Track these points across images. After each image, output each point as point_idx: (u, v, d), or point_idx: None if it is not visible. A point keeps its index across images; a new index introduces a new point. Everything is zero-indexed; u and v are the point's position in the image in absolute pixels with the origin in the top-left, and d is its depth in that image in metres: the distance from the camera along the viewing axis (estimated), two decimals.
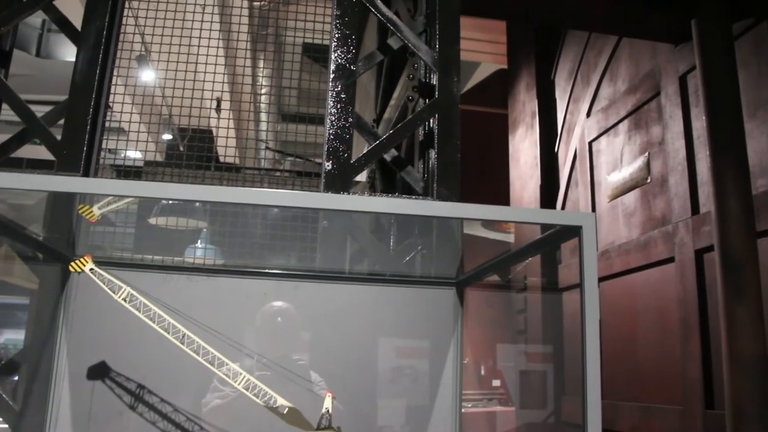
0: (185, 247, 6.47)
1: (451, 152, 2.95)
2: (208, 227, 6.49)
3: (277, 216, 3.58)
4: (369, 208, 1.74)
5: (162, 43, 4.78)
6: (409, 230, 3.11)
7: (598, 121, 6.62)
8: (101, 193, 1.68)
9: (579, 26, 6.70)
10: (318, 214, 3.13)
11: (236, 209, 3.66)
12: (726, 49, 4.83)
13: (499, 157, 8.86)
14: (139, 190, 1.57)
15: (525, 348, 7.20)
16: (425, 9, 3.49)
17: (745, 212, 4.56)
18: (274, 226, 3.53)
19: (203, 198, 1.57)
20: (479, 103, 10.74)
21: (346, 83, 3.00)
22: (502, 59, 9.54)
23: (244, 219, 3.67)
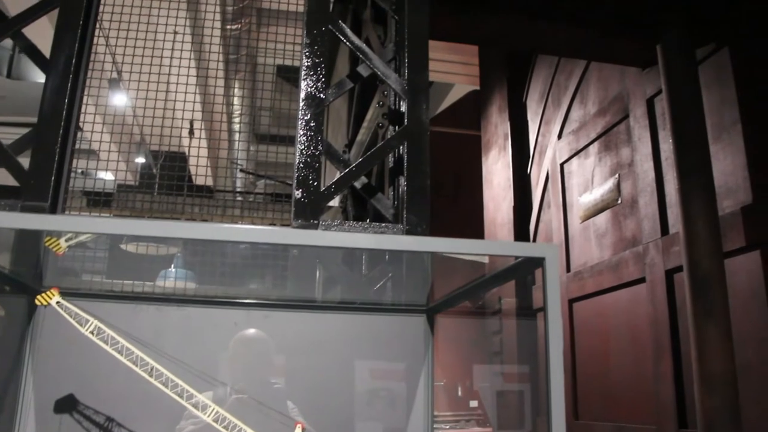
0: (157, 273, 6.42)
1: (421, 179, 2.96)
2: (180, 252, 6.46)
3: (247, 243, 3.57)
4: (335, 243, 1.75)
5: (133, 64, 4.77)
6: (380, 258, 3.12)
7: (569, 143, 6.71)
8: (67, 230, 1.67)
9: (548, 51, 6.80)
10: None
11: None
12: (690, 74, 4.93)
13: (473, 177, 8.92)
14: (105, 227, 1.56)
15: (501, 369, 7.22)
16: (394, 36, 3.53)
17: (712, 233, 4.63)
18: (244, 255, 3.52)
19: (171, 234, 1.57)
20: (453, 124, 10.82)
21: (315, 112, 3.02)
22: (475, 80, 9.63)
23: (213, 247, 3.66)
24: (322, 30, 3.20)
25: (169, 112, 5.12)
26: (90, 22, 3.65)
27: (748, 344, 4.41)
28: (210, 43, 8.44)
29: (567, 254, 6.57)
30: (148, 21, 4.87)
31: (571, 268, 6.51)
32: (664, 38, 5.03)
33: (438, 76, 10.18)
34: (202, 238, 1.58)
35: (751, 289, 4.46)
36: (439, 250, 1.78)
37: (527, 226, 7.36)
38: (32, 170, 3.15)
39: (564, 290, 6.47)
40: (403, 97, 3.12)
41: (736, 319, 4.46)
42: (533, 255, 1.76)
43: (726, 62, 4.86)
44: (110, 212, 5.42)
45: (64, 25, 3.51)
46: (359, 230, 3.07)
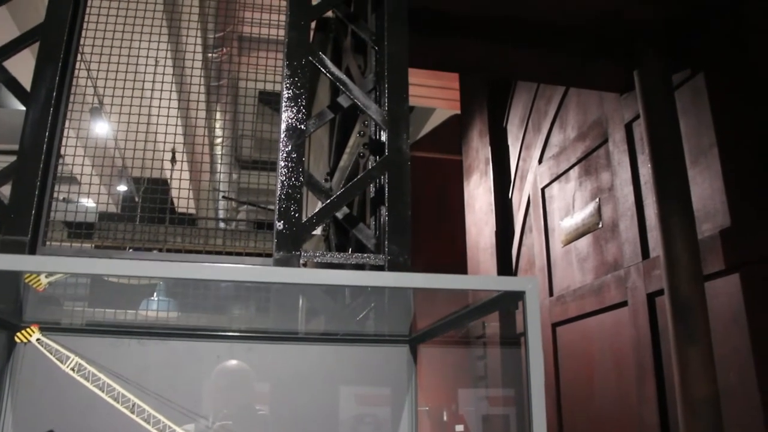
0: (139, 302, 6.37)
1: (402, 209, 2.98)
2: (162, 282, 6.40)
3: None
4: (317, 281, 1.76)
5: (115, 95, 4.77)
6: (362, 289, 3.12)
7: (549, 167, 6.76)
8: (46, 270, 1.67)
9: (527, 78, 6.88)
10: None
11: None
12: (667, 99, 5.01)
13: (456, 201, 8.96)
14: (85, 268, 1.56)
15: (486, 393, 7.20)
16: (374, 66, 3.56)
17: (691, 256, 4.68)
18: (227, 286, 3.51)
19: (152, 274, 1.57)
20: (435, 148, 10.88)
21: (296, 143, 3.04)
22: (456, 105, 9.70)
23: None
24: (303, 62, 3.23)
25: (150, 140, 5.11)
26: (71, 54, 3.66)
27: (730, 367, 4.43)
28: (191, 72, 8.45)
29: (549, 278, 6.60)
30: (129, 50, 4.88)
31: (553, 292, 6.54)
32: (641, 64, 5.11)
33: (419, 100, 10.25)
34: (182, 277, 1.58)
35: (732, 312, 4.49)
36: (419, 285, 1.79)
37: (510, 251, 7.40)
38: (12, 204, 3.14)
39: (547, 314, 6.49)
40: (384, 127, 3.14)
41: (717, 342, 4.49)
42: (513, 289, 1.77)
43: (702, 87, 4.94)
44: (91, 243, 5.39)
45: (44, 58, 3.52)
46: (341, 259, 3.08)
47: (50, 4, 3.65)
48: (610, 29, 5.08)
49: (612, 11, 4.78)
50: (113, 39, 4.77)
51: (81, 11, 3.84)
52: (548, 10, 4.78)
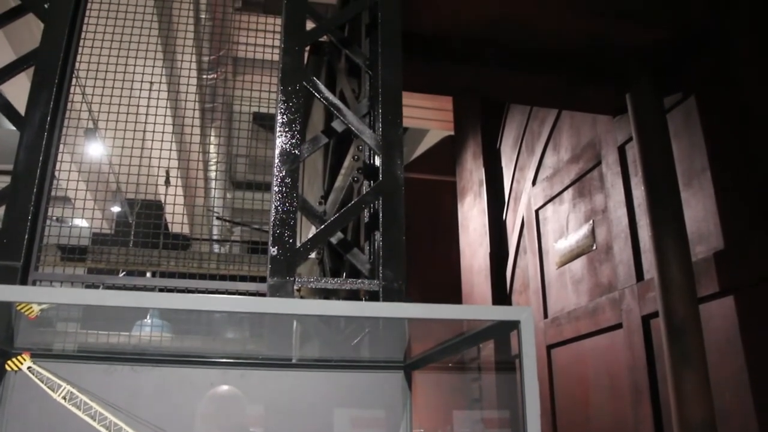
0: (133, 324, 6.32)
1: (396, 235, 2.98)
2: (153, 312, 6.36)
3: None
4: (311, 312, 1.75)
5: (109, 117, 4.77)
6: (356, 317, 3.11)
7: (543, 189, 6.78)
8: (38, 301, 1.66)
9: (520, 101, 6.92)
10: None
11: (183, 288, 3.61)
12: (659, 122, 5.04)
13: (450, 222, 8.95)
14: (75, 299, 1.55)
15: (482, 415, 7.16)
16: (368, 91, 3.58)
17: (686, 279, 4.68)
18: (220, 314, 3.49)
19: (143, 305, 1.56)
20: (429, 170, 10.89)
21: (290, 168, 3.04)
22: (450, 126, 9.72)
23: None
24: (297, 87, 3.24)
25: (145, 161, 5.11)
26: (65, 78, 3.66)
27: (726, 390, 4.42)
28: (186, 93, 8.49)
29: (544, 300, 6.59)
30: (124, 72, 4.89)
31: (548, 314, 6.53)
32: (633, 87, 5.15)
33: (413, 121, 10.28)
34: (174, 308, 1.57)
35: (727, 334, 4.49)
36: (414, 316, 1.78)
37: (504, 273, 7.39)
38: (5, 229, 3.13)
39: (542, 336, 6.47)
40: (378, 152, 3.15)
41: (713, 364, 4.48)
42: (508, 318, 1.77)
43: (693, 110, 4.97)
44: (84, 266, 5.37)
45: (39, 83, 3.52)
46: (336, 285, 3.07)
47: (45, 29, 3.66)
48: (601, 53, 5.12)
49: (602, 36, 4.82)
50: (108, 62, 4.78)
51: (76, 36, 3.85)
52: (540, 34, 4.81)
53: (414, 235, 11.25)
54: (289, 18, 3.48)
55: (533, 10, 4.50)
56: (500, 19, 4.51)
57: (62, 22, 3.66)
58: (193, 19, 8.47)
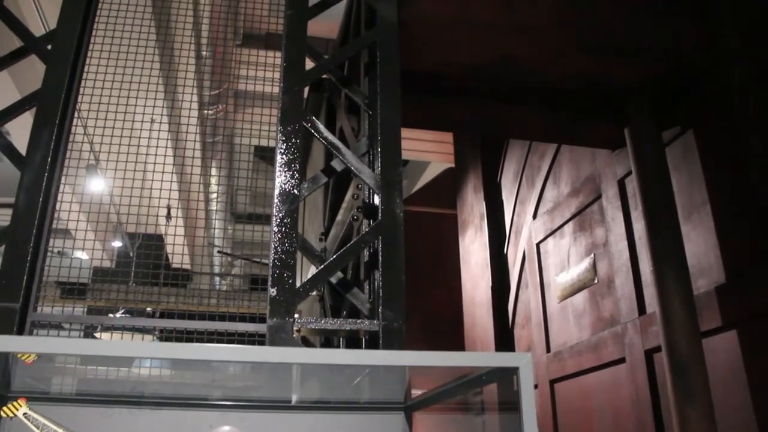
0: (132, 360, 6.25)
1: (396, 274, 2.98)
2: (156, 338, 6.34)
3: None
4: (312, 360, 1.74)
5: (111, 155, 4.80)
6: None
7: (544, 222, 6.78)
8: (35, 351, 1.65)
9: (520, 137, 6.96)
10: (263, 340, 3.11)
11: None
12: (658, 156, 5.05)
13: (452, 255, 8.94)
14: (74, 348, 1.55)
15: None
16: (367, 129, 3.60)
17: (688, 313, 4.66)
18: None
19: (141, 354, 1.56)
20: (430, 202, 10.91)
21: (290, 209, 3.04)
22: (450, 158, 9.75)
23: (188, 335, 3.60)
24: (296, 126, 3.26)
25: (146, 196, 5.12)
26: (67, 118, 3.68)
27: (731, 425, 4.38)
28: (187, 128, 8.53)
29: (546, 334, 6.56)
30: (125, 108, 4.93)
31: (551, 348, 6.49)
32: (631, 122, 5.17)
33: (414, 154, 10.32)
34: (173, 357, 1.57)
35: (731, 369, 4.45)
36: (413, 363, 1.77)
37: (506, 306, 7.36)
38: (4, 271, 3.12)
39: (545, 371, 6.43)
40: (377, 191, 3.16)
41: (717, 399, 4.44)
42: (507, 365, 1.76)
43: (692, 144, 4.99)
44: (85, 303, 5.36)
45: (40, 124, 3.54)
46: (335, 325, 3.06)
47: (47, 70, 3.70)
48: (598, 89, 5.16)
49: (599, 73, 4.85)
50: (110, 99, 4.82)
51: (78, 76, 3.88)
52: (537, 72, 4.85)
53: (416, 268, 11.27)
54: (289, 58, 3.51)
55: (530, 49, 4.54)
56: (498, 57, 4.55)
57: (64, 63, 3.70)
58: (194, 55, 8.54)
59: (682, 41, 4.77)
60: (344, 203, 3.88)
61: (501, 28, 4.33)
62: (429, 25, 4.22)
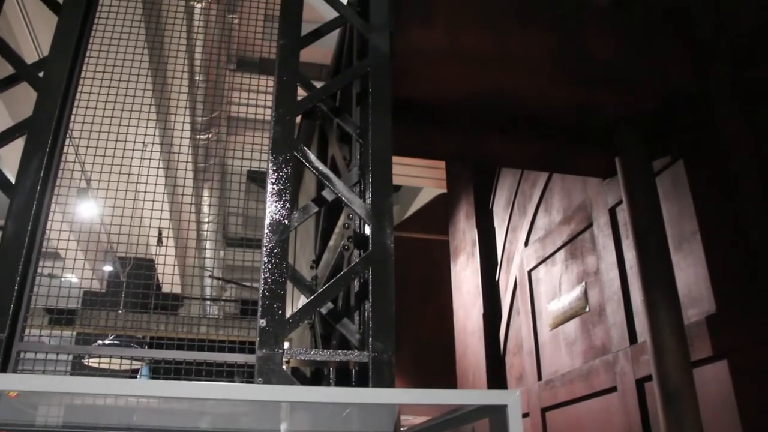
0: None
1: (386, 305, 2.97)
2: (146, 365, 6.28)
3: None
4: (302, 399, 1.73)
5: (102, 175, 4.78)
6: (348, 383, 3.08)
7: (535, 250, 6.78)
8: (20, 389, 1.63)
9: (510, 165, 6.99)
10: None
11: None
12: (648, 185, 5.08)
13: (444, 281, 8.93)
14: (60, 387, 1.53)
15: None
16: (359, 159, 3.60)
17: (679, 343, 4.65)
18: None
19: (130, 393, 1.54)
20: (423, 228, 10.92)
21: (280, 239, 3.04)
22: (443, 184, 9.77)
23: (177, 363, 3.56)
24: (287, 156, 3.26)
25: (137, 220, 5.10)
26: (57, 146, 3.67)
27: None
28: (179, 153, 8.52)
29: (538, 362, 6.54)
30: (117, 133, 4.93)
31: (542, 376, 6.46)
32: (622, 152, 5.20)
33: (406, 179, 10.34)
34: (160, 395, 1.55)
35: (722, 399, 4.44)
36: (402, 402, 1.76)
37: (497, 334, 7.34)
38: None
39: (536, 399, 6.40)
40: (368, 221, 3.15)
41: (708, 430, 4.42)
42: (495, 403, 1.75)
43: (682, 173, 5.01)
44: (73, 330, 5.31)
45: (30, 151, 3.53)
46: (325, 357, 3.03)
47: (39, 98, 3.70)
48: (589, 119, 5.19)
49: (589, 103, 4.89)
50: (102, 124, 4.82)
51: (69, 103, 3.88)
52: (529, 102, 4.88)
53: (407, 294, 11.23)
54: (281, 87, 3.52)
55: (522, 80, 4.57)
56: (490, 88, 4.58)
57: (56, 91, 3.70)
58: (187, 81, 8.57)
59: (671, 72, 4.82)
60: (336, 228, 3.88)
61: (493, 59, 4.37)
62: (421, 55, 4.25)
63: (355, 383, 3.08)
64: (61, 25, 3.95)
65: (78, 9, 4.04)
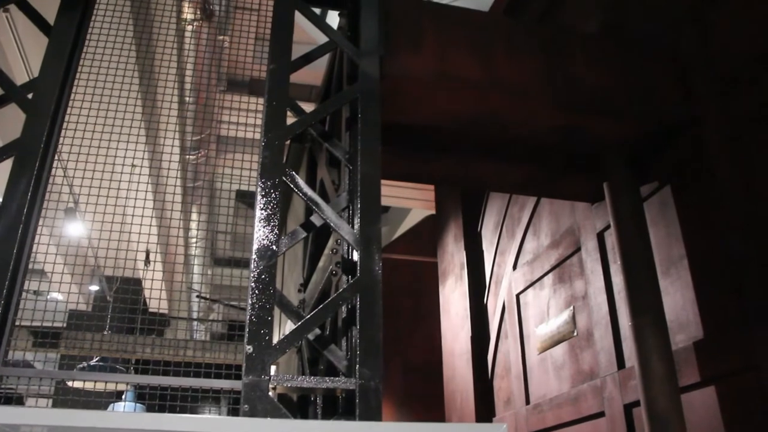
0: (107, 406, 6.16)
1: (373, 332, 2.96)
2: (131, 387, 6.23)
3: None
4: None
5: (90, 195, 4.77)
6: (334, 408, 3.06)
7: (524, 273, 6.79)
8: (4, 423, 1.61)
9: (498, 190, 7.02)
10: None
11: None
12: (636, 211, 5.10)
13: (432, 303, 8.93)
14: (42, 419, 1.51)
15: None
16: (348, 184, 3.61)
17: (666, 369, 4.65)
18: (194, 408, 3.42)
19: (114, 425, 1.52)
20: (411, 250, 10.92)
21: (267, 264, 3.03)
22: (431, 205, 9.79)
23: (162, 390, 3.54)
24: (276, 181, 3.26)
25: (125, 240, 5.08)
26: (46, 167, 3.66)
27: None
28: (167, 174, 8.52)
29: (526, 386, 6.52)
30: (106, 154, 4.92)
31: (530, 400, 6.44)
32: (609, 177, 5.22)
33: (395, 201, 10.36)
34: (143, 428, 1.53)
35: (710, 425, 4.44)
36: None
37: (486, 357, 7.32)
38: None
39: (524, 423, 6.37)
40: (356, 247, 3.15)
41: None
42: None
43: (669, 199, 5.04)
44: (57, 352, 5.26)
45: (18, 173, 3.52)
46: (312, 383, 3.02)
47: (27, 120, 3.69)
48: (576, 145, 5.22)
49: (577, 129, 4.91)
50: (90, 145, 4.81)
51: (59, 124, 3.87)
52: (517, 127, 4.90)
53: (396, 316, 11.20)
54: (270, 112, 3.53)
55: (511, 105, 4.59)
56: (479, 113, 4.60)
57: (45, 113, 3.70)
58: (177, 101, 8.58)
59: (659, 100, 4.87)
60: (326, 249, 3.87)
61: (482, 85, 4.40)
62: (410, 81, 4.27)
63: (341, 410, 3.07)
64: (52, 47, 3.96)
65: (69, 31, 4.05)
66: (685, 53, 5.00)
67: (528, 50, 4.67)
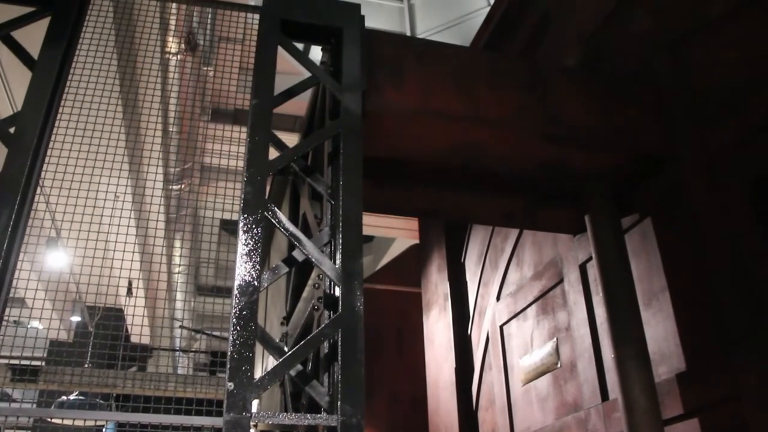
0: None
1: (355, 368, 2.95)
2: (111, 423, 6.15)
3: None
4: None
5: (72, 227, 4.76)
6: None
7: (507, 305, 6.80)
8: None
9: (481, 222, 7.05)
10: None
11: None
12: (617, 243, 5.14)
13: (417, 333, 8.90)
14: None
15: None
16: (330, 219, 3.62)
17: (649, 401, 4.66)
18: None
19: None
20: (396, 280, 10.90)
21: (249, 300, 3.02)
22: (415, 235, 9.80)
23: None
24: (258, 217, 3.27)
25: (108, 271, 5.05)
26: (27, 201, 3.65)
27: None
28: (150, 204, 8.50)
29: (510, 418, 6.49)
30: (89, 184, 4.92)
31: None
32: (591, 209, 5.27)
33: (379, 230, 10.36)
34: None
35: None
36: None
37: (470, 389, 7.30)
38: None
39: None
40: (337, 283, 3.15)
41: None
42: None
43: (650, 231, 5.09)
44: (36, 386, 5.20)
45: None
46: (294, 420, 3.00)
47: (9, 154, 3.68)
48: (558, 177, 5.27)
49: (558, 162, 4.96)
50: (74, 175, 4.80)
51: (41, 158, 3.87)
52: (498, 160, 4.94)
53: (381, 347, 11.15)
54: (253, 147, 3.54)
55: (492, 138, 4.63)
56: (461, 146, 4.64)
57: (27, 147, 3.69)
58: (161, 133, 8.59)
59: (639, 132, 4.93)
60: (309, 280, 3.86)
61: (463, 118, 4.44)
62: (392, 115, 4.30)
63: None
64: (35, 82, 3.96)
65: (53, 64, 4.06)
66: (664, 87, 5.07)
67: (510, 85, 4.73)
